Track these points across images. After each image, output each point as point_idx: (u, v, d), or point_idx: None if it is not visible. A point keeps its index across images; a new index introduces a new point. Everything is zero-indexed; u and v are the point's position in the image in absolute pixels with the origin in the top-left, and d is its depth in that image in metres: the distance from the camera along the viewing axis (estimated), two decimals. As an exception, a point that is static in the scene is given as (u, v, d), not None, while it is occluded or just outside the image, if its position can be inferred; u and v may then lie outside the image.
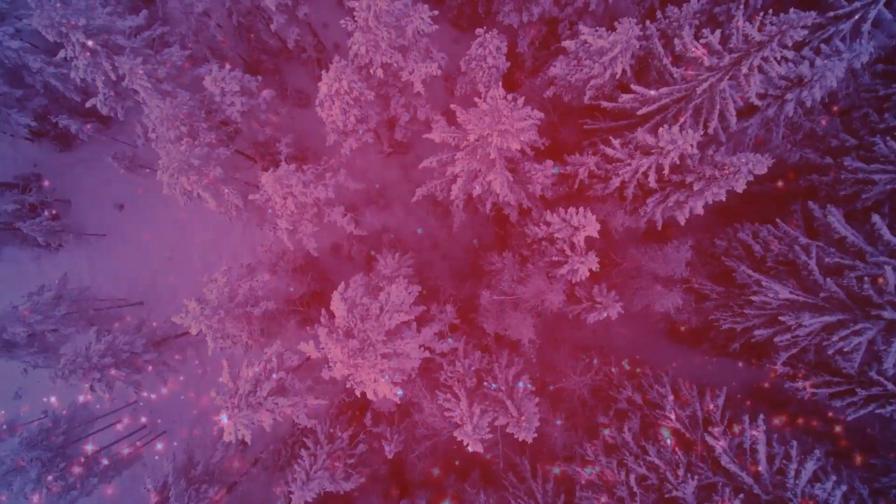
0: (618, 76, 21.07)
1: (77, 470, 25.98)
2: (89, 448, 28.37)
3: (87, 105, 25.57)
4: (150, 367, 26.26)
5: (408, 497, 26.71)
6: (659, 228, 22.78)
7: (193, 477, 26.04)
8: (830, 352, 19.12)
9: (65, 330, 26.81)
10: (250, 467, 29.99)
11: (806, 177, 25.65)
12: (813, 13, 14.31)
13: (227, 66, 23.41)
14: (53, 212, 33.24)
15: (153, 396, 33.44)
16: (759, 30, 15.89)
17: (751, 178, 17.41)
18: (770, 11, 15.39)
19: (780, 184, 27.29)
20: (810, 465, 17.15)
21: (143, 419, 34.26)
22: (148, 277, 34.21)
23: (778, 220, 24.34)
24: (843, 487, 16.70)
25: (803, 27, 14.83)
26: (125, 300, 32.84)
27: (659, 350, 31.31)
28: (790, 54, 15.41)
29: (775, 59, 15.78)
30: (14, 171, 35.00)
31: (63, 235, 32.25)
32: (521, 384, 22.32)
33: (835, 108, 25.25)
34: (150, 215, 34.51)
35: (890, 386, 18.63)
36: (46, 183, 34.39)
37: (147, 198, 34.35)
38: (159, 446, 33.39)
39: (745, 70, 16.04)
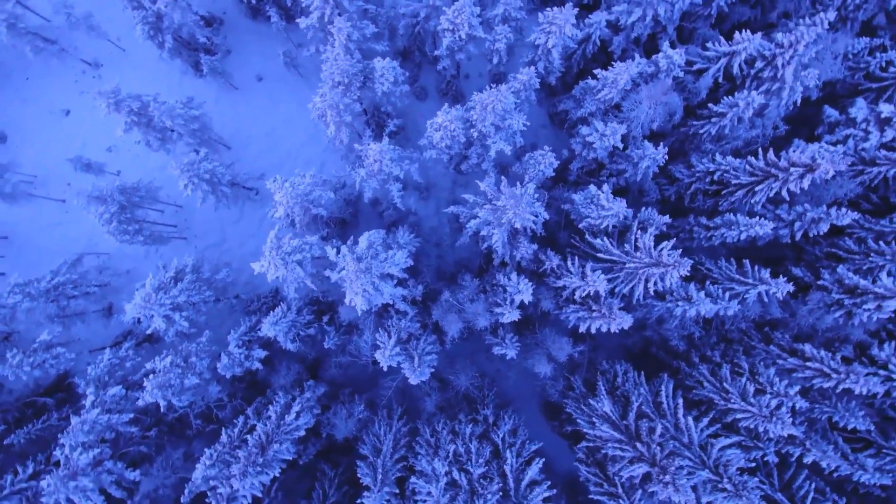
0: (604, 226, 31.63)
1: (136, 224, 36.22)
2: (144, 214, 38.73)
3: (297, 20, 36.05)
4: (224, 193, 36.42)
5: (314, 379, 37.03)
6: (568, 327, 33.25)
7: (200, 277, 36.33)
8: (603, 453, 29.55)
9: (186, 138, 37.06)
10: (231, 297, 40.32)
11: (678, 360, 36.24)
12: (683, 274, 24.98)
13: (394, 61, 33.82)
14: (216, 54, 43.72)
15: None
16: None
17: (624, 326, 27.96)
18: (678, 249, 25.98)
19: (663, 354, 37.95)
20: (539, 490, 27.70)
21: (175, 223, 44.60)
22: (245, 136, 44.55)
23: (643, 372, 34.86)
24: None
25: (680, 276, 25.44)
26: (223, 141, 43.17)
27: (529, 404, 41.79)
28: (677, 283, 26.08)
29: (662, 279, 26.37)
30: (207, 9, 45.51)
31: (215, 74, 42.57)
32: (429, 357, 32.69)
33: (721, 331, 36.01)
34: (275, 98, 44.96)
35: (619, 490, 29.06)
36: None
37: (281, 87, 44.84)
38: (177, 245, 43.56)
39: (647, 273, 26.61)
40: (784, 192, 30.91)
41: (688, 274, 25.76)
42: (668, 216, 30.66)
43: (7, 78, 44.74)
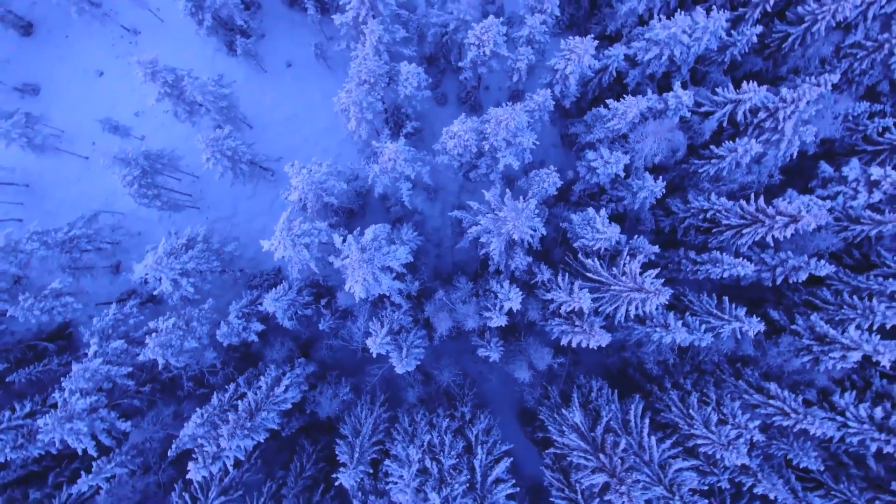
0: (596, 248, 33.44)
1: (155, 189, 37.96)
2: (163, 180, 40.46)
3: (332, 15, 37.84)
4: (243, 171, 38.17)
5: (305, 357, 38.79)
6: (551, 339, 35.05)
7: (210, 248, 38.07)
8: (569, 460, 31.34)
9: (212, 114, 38.79)
10: (236, 270, 42.07)
11: (651, 384, 38.05)
12: (663, 302, 26.74)
13: (420, 67, 35.62)
14: (251, 36, 45.52)
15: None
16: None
17: (602, 344, 29.77)
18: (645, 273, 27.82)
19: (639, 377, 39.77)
20: (503, 487, 29.47)
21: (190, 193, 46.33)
22: (268, 117, 46.34)
23: (616, 391, 36.67)
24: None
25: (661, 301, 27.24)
26: (247, 120, 44.95)
27: (505, 407, 43.57)
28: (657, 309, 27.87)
29: (643, 304, 28.16)
30: (248, -7, 47.36)
31: (248, 56, 44.37)
32: (416, 350, 34.47)
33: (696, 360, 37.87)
34: (301, 86, 46.75)
35: (579, 497, 30.86)
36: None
37: (308, 76, 46.64)
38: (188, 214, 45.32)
39: (630, 297, 28.44)
40: (769, 238, 32.74)
41: (669, 303, 27.55)
42: (658, 246, 32.45)
43: (48, 33, 46.55)
